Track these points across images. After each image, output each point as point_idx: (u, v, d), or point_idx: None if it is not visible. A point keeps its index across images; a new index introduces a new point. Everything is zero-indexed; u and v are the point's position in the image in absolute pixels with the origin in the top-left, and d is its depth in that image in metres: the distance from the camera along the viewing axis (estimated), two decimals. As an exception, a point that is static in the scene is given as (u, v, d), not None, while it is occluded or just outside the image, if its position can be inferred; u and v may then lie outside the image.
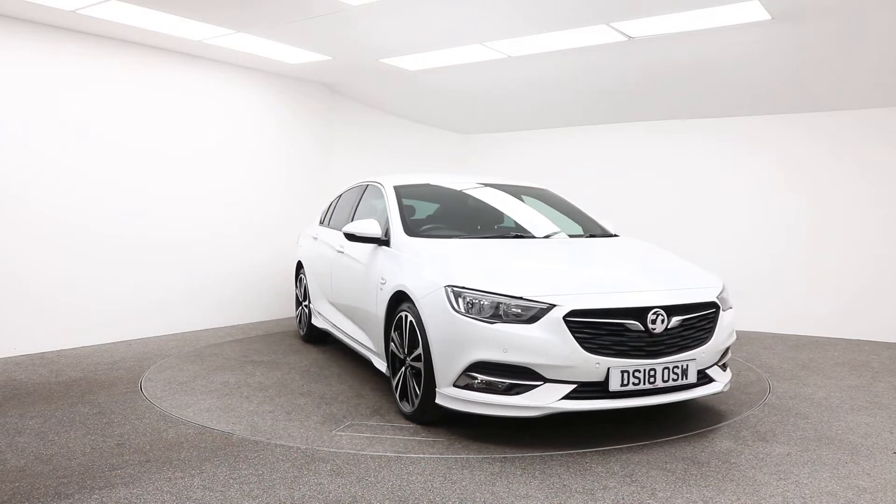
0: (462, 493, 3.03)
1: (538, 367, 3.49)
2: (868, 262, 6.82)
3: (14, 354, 5.67)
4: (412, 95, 8.24)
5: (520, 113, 8.48)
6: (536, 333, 3.49)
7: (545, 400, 3.49)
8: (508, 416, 3.55)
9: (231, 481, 3.14)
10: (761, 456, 3.53)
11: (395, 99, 8.50)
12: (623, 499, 2.98)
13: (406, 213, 4.81)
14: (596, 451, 3.58)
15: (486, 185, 5.44)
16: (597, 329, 3.52)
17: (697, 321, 3.78)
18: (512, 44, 6.03)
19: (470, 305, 3.61)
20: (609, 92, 7.37)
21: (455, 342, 3.61)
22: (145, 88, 6.51)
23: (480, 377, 3.56)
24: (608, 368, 3.48)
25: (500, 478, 3.20)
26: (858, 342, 6.66)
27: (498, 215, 5.23)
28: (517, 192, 5.46)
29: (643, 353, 3.56)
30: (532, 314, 3.52)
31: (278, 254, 7.77)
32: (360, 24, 5.60)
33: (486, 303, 3.58)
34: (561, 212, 5.32)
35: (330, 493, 3.02)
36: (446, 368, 3.66)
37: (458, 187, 5.45)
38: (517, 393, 3.52)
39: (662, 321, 3.60)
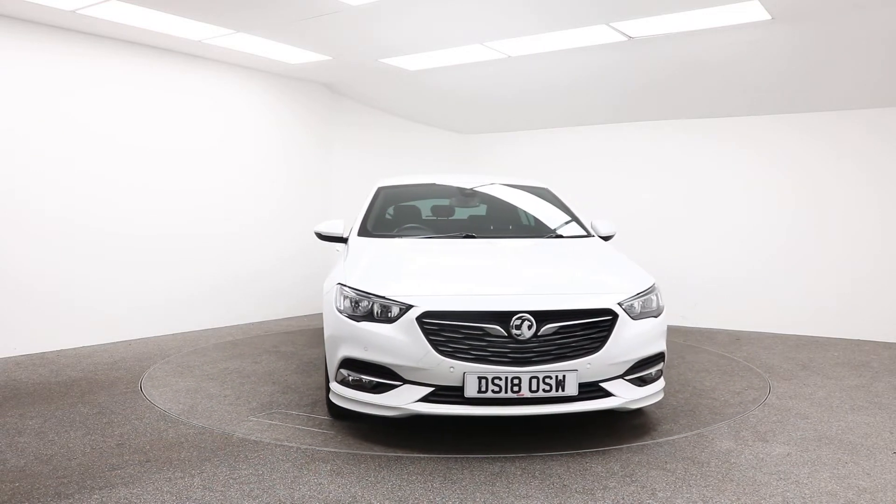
0: (462, 493, 3.03)
1: (396, 367, 3.46)
2: (868, 262, 6.83)
3: (14, 354, 5.67)
4: (412, 95, 8.24)
5: (519, 113, 8.49)
6: (393, 333, 3.46)
7: (403, 400, 3.45)
8: (375, 414, 3.57)
9: (231, 481, 3.14)
10: (761, 456, 3.52)
11: (395, 99, 8.50)
12: (623, 499, 2.98)
13: (375, 213, 4.86)
14: (596, 451, 3.58)
15: (479, 185, 5.43)
16: (453, 332, 3.40)
17: (580, 329, 3.48)
18: (512, 44, 6.04)
19: (351, 304, 3.67)
20: (609, 92, 7.38)
21: (335, 339, 3.70)
22: (145, 88, 6.51)
23: (351, 374, 3.63)
24: (464, 373, 3.35)
25: (500, 478, 3.20)
26: (858, 342, 6.66)
27: (469, 215, 5.21)
28: (511, 192, 5.40)
29: (508, 360, 3.37)
30: (395, 314, 3.50)
31: (279, 253, 7.78)
32: (360, 24, 5.60)
33: (360, 302, 3.63)
34: (547, 211, 5.22)
35: (330, 493, 3.02)
36: (331, 364, 3.79)
37: (446, 188, 5.41)
38: (380, 392, 3.53)
39: (529, 327, 3.38)
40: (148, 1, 5.17)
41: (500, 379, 3.35)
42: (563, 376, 3.39)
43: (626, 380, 3.62)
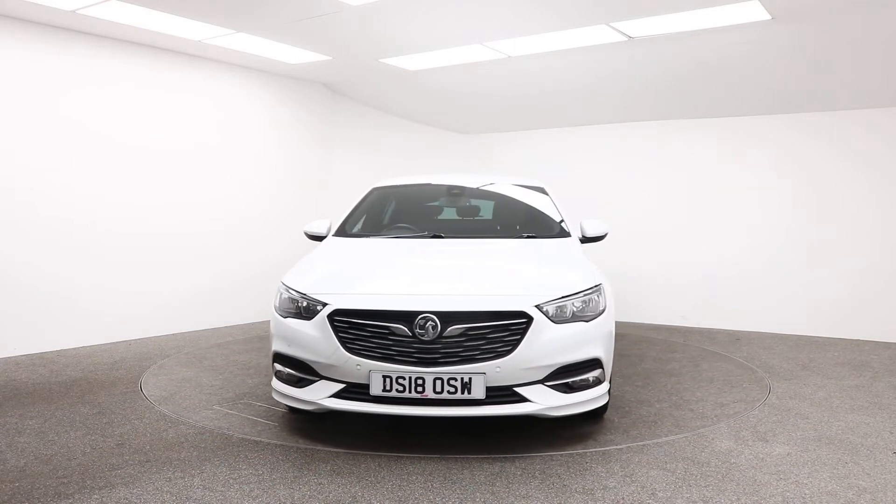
0: (462, 493, 3.03)
1: (312, 362, 3.57)
2: (868, 262, 6.82)
3: (14, 354, 5.67)
4: (412, 95, 8.24)
5: (519, 113, 8.48)
6: (310, 330, 3.57)
7: (318, 395, 3.54)
8: (298, 408, 3.69)
9: (231, 481, 3.14)
10: (761, 456, 3.53)
11: (395, 99, 8.50)
12: (623, 499, 2.98)
13: (357, 213, 5.00)
14: (596, 451, 3.58)
15: (472, 185, 5.45)
16: (361, 330, 3.45)
17: (490, 331, 3.39)
18: (512, 44, 6.03)
19: (283, 301, 3.81)
20: (609, 92, 7.37)
21: (271, 334, 3.86)
22: (145, 88, 6.51)
23: (282, 369, 3.76)
24: (369, 371, 3.39)
25: (500, 478, 3.21)
26: (858, 342, 6.66)
27: (450, 216, 5.23)
28: (502, 192, 5.39)
29: (414, 361, 3.36)
30: (312, 311, 3.60)
31: (279, 253, 7.77)
32: (360, 24, 5.60)
33: (290, 299, 3.76)
34: (530, 211, 5.17)
35: (330, 493, 3.02)
36: (270, 359, 3.91)
37: (437, 188, 5.42)
38: (301, 386, 3.64)
39: (434, 328, 3.34)
40: (148, 1, 5.17)
41: (405, 378, 3.36)
42: (470, 379, 3.34)
43: (548, 386, 3.47)
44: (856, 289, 6.87)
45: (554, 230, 4.75)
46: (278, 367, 3.78)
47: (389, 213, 5.21)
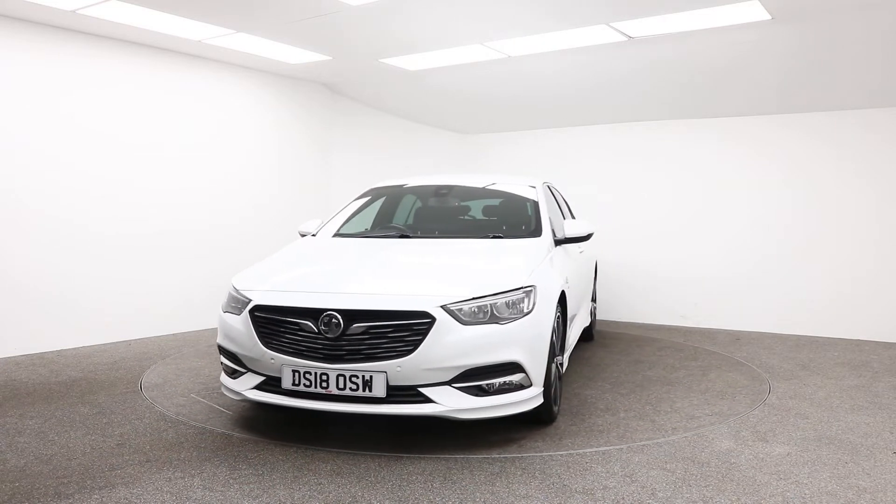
0: (462, 493, 3.03)
1: (241, 356, 3.72)
2: (868, 262, 6.82)
3: (14, 354, 5.67)
4: (412, 95, 8.24)
5: (519, 113, 8.49)
6: (237, 324, 3.73)
7: (244, 386, 3.71)
8: (234, 399, 3.86)
9: (231, 481, 3.14)
10: (761, 456, 3.53)
11: (396, 99, 8.50)
12: (623, 499, 2.98)
13: (344, 214, 5.14)
14: (596, 451, 3.58)
15: (467, 185, 5.47)
16: (276, 326, 3.58)
17: (392, 330, 3.39)
18: (512, 44, 6.04)
19: (228, 297, 3.98)
20: (608, 92, 7.37)
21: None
22: (145, 88, 6.51)
23: (223, 360, 3.93)
24: (281, 365, 3.51)
25: (500, 478, 3.21)
26: (858, 342, 6.66)
27: (431, 215, 5.28)
28: (492, 192, 5.43)
29: (321, 357, 3.44)
30: (241, 306, 3.76)
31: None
32: (360, 24, 5.60)
33: (232, 296, 3.93)
34: (510, 212, 5.17)
35: (330, 493, 3.02)
36: None
37: (429, 189, 5.44)
38: (235, 378, 3.81)
39: (337, 325, 3.41)
40: (148, 1, 5.17)
41: (311, 374, 3.46)
42: (371, 377, 3.38)
43: (456, 387, 3.42)
44: (856, 289, 6.87)
45: (528, 230, 4.72)
46: (222, 358, 3.95)
47: (375, 214, 5.28)
